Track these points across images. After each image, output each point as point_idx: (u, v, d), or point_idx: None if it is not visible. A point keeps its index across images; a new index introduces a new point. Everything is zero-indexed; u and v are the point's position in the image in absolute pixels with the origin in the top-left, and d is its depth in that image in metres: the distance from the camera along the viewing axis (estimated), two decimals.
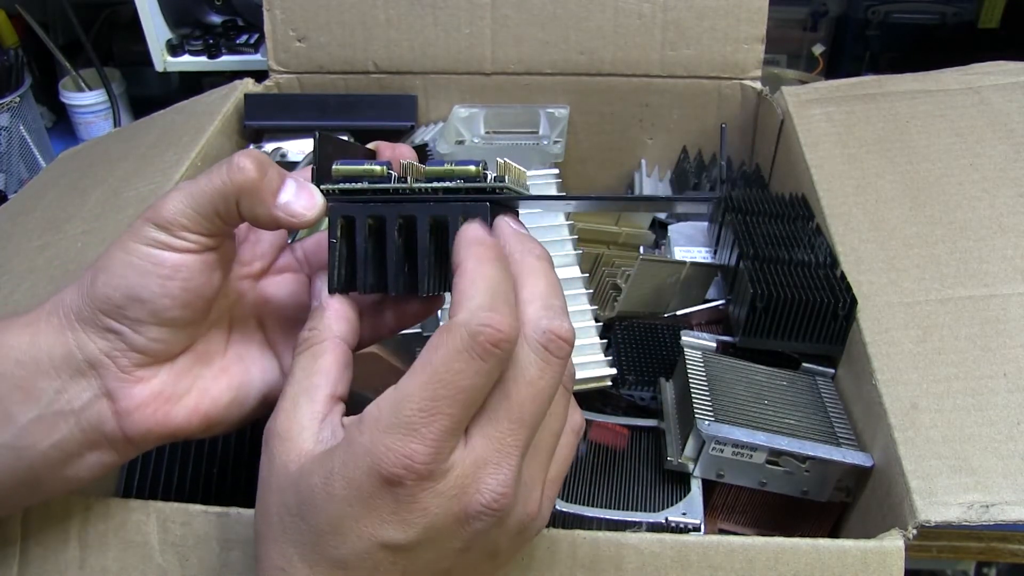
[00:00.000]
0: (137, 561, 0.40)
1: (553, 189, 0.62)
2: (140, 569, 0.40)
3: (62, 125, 1.14)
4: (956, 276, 0.51)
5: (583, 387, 0.51)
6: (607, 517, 0.46)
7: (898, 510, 0.40)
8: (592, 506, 0.47)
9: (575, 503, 0.47)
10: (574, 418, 0.35)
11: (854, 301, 0.50)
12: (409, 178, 0.34)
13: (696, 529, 0.46)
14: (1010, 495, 0.39)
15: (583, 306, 0.54)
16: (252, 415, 0.38)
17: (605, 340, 0.54)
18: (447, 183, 0.34)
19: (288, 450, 0.31)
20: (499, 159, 0.34)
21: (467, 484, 0.29)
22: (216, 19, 1.01)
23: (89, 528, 0.40)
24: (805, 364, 0.54)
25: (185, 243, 0.34)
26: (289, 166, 0.72)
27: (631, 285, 0.61)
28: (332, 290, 0.35)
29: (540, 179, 0.63)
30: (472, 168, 0.34)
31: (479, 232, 0.32)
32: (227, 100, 0.75)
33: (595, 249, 0.68)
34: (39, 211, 0.66)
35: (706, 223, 0.71)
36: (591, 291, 0.56)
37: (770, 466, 0.47)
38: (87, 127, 1.07)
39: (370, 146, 0.39)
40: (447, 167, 0.34)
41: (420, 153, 0.74)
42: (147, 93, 1.11)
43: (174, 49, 0.97)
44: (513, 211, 0.36)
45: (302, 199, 0.34)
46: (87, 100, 1.05)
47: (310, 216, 0.34)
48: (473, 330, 0.28)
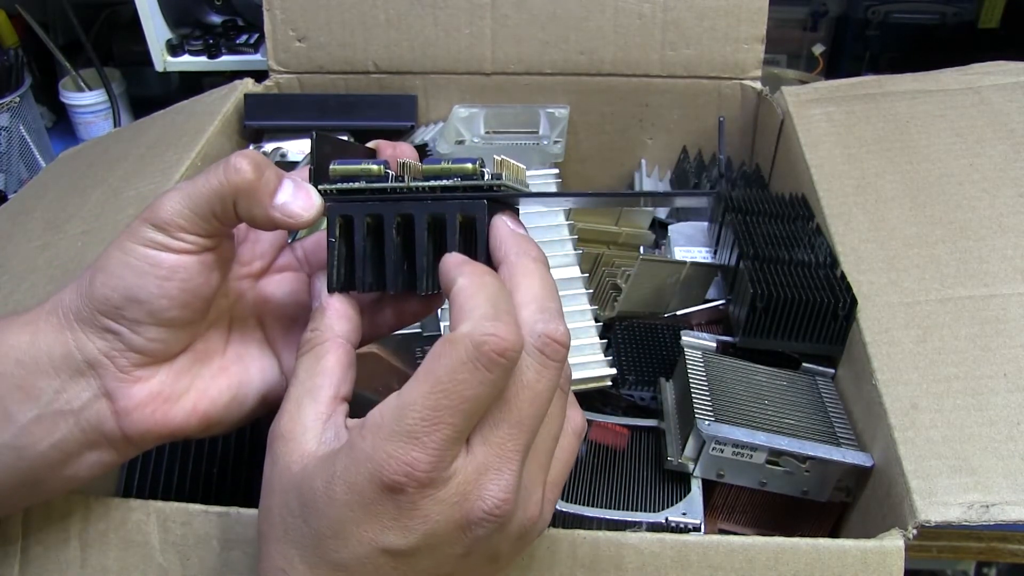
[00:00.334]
0: (138, 560, 0.40)
1: (553, 189, 0.62)
2: (141, 568, 0.40)
3: (62, 125, 1.14)
4: (956, 276, 0.51)
5: (583, 387, 0.51)
6: (607, 517, 0.46)
7: (898, 510, 0.40)
8: (592, 506, 0.47)
9: (575, 503, 0.47)
10: (575, 420, 0.35)
11: (854, 301, 0.50)
12: (406, 177, 0.34)
13: (696, 529, 0.46)
14: (1010, 495, 0.39)
15: (583, 306, 0.54)
16: (251, 415, 0.38)
17: (605, 340, 0.54)
18: (444, 181, 0.34)
19: (291, 451, 0.31)
20: (496, 156, 0.34)
21: (468, 491, 0.29)
22: (216, 19, 1.01)
23: (90, 527, 0.40)
24: (805, 364, 0.54)
25: (183, 244, 0.33)
26: (289, 166, 0.72)
27: (631, 285, 0.61)
28: (331, 289, 0.35)
29: (540, 179, 0.63)
30: (469, 166, 0.34)
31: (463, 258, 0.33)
32: (227, 100, 0.75)
33: (595, 249, 0.68)
34: (39, 211, 0.66)
35: (706, 223, 0.71)
36: (591, 291, 0.56)
37: (770, 466, 0.47)
38: (87, 127, 1.07)
39: (370, 144, 0.39)
40: (443, 165, 0.34)
41: (420, 153, 0.74)
42: (147, 93, 1.11)
43: (174, 49, 0.97)
44: (512, 209, 0.36)
45: (299, 199, 0.34)
46: (87, 100, 1.05)
47: (307, 216, 0.34)
48: (477, 340, 0.28)
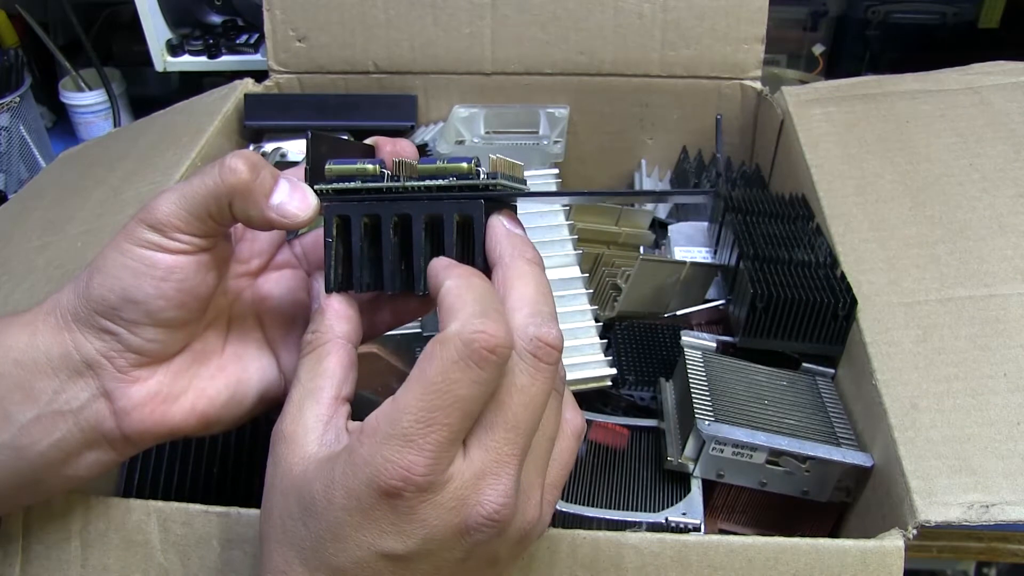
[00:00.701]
0: (139, 560, 0.40)
1: (553, 189, 0.62)
2: (142, 568, 0.40)
3: (62, 125, 1.14)
4: (956, 276, 0.51)
5: (583, 387, 0.51)
6: (607, 517, 0.46)
7: (898, 510, 0.40)
8: (592, 506, 0.47)
9: (575, 503, 0.47)
10: (574, 421, 0.34)
11: (854, 301, 0.50)
12: (402, 176, 0.34)
13: (696, 529, 0.46)
14: (1010, 495, 0.39)
15: (583, 306, 0.54)
16: (250, 413, 0.38)
17: (605, 340, 0.54)
18: (440, 181, 0.34)
19: (292, 453, 0.31)
20: (491, 155, 0.34)
21: (466, 496, 0.29)
22: (216, 19, 1.01)
23: (90, 527, 0.40)
24: (805, 364, 0.54)
25: (179, 244, 0.33)
26: (289, 166, 0.72)
27: (631, 285, 0.61)
28: (329, 289, 0.35)
29: (540, 179, 0.63)
30: (464, 165, 0.34)
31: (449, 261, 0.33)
32: (227, 100, 0.75)
33: (595, 249, 0.68)
34: (39, 211, 0.66)
35: (706, 223, 0.71)
36: (591, 291, 0.56)
37: (770, 466, 0.47)
38: (87, 127, 1.07)
39: (368, 141, 0.39)
40: (439, 164, 0.34)
41: (421, 153, 0.74)
42: (147, 93, 1.11)
43: (174, 49, 0.97)
44: (510, 207, 0.36)
45: (295, 200, 0.34)
46: (87, 100, 1.05)
47: (304, 217, 0.34)
48: (467, 338, 0.28)
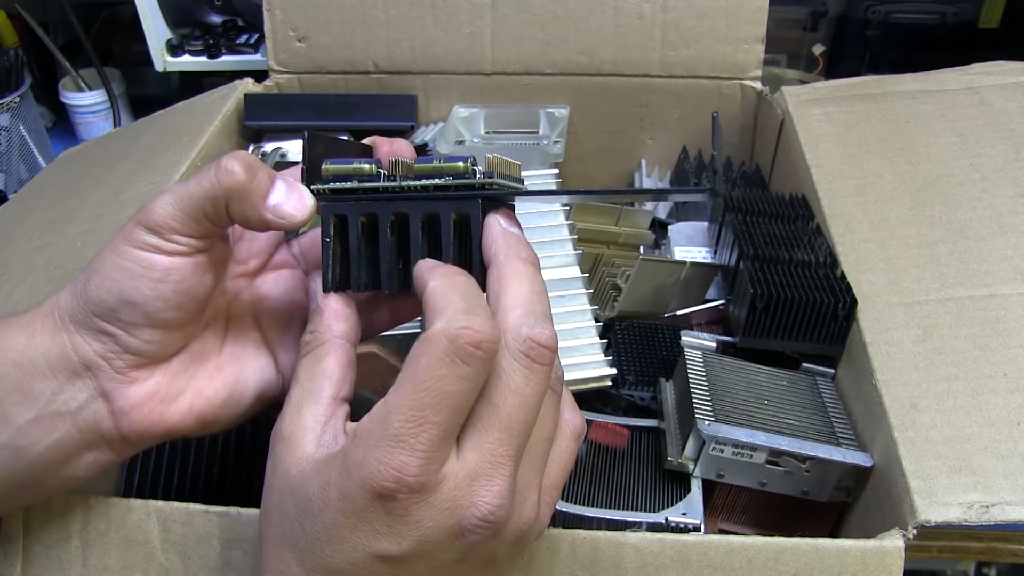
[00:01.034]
0: (139, 560, 0.40)
1: (552, 188, 0.62)
2: (143, 568, 0.40)
3: (62, 125, 1.14)
4: (956, 276, 0.51)
5: (583, 387, 0.51)
6: (607, 517, 0.46)
7: (898, 510, 0.40)
8: (592, 506, 0.47)
9: (575, 503, 0.47)
10: (573, 422, 0.34)
11: (854, 301, 0.50)
12: (398, 176, 0.34)
13: (696, 529, 0.46)
14: (1010, 495, 0.39)
15: (583, 306, 0.54)
16: (248, 413, 0.38)
17: (605, 340, 0.54)
18: (436, 180, 0.34)
19: (291, 453, 0.31)
20: (488, 155, 0.34)
21: (460, 497, 0.29)
22: (216, 19, 1.01)
23: (91, 527, 0.40)
24: (805, 364, 0.54)
25: (176, 246, 0.33)
26: (289, 166, 0.72)
27: (631, 285, 0.61)
28: (326, 289, 0.35)
29: (540, 179, 0.63)
30: (460, 164, 0.34)
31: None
32: (227, 100, 0.75)
33: (595, 249, 0.67)
34: (39, 211, 0.66)
35: (706, 223, 0.71)
36: (591, 291, 0.56)
37: (770, 466, 0.47)
38: (87, 127, 1.07)
39: (366, 141, 0.39)
40: (435, 164, 0.34)
41: (420, 153, 0.74)
42: (147, 93, 1.11)
43: (174, 49, 0.97)
44: (508, 207, 0.36)
45: (292, 200, 0.34)
46: (87, 100, 1.05)
47: (300, 217, 0.34)
48: (452, 335, 0.28)
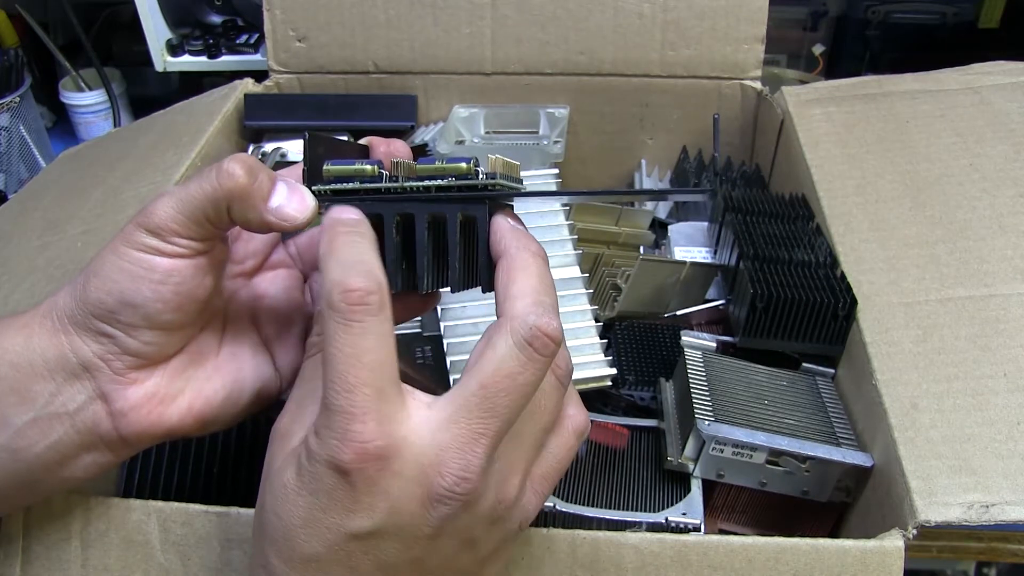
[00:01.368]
0: (139, 560, 0.40)
1: (553, 188, 0.62)
2: (143, 568, 0.40)
3: (62, 125, 1.14)
4: (956, 276, 0.51)
5: (583, 387, 0.51)
6: (607, 517, 0.46)
7: (898, 510, 0.40)
8: (592, 506, 0.47)
9: (575, 503, 0.47)
10: (576, 419, 0.34)
11: (854, 301, 0.50)
12: (400, 177, 0.34)
13: (696, 529, 0.46)
14: (1010, 495, 0.39)
15: (583, 306, 0.54)
16: (246, 412, 0.38)
17: (605, 340, 0.54)
18: (439, 181, 0.34)
19: (282, 449, 0.32)
20: (490, 155, 0.34)
21: (428, 465, 0.29)
22: (216, 19, 1.01)
23: (90, 527, 0.40)
24: (805, 364, 0.54)
25: (176, 248, 0.33)
26: (289, 166, 0.72)
27: (631, 285, 0.61)
28: None
29: (540, 179, 0.63)
30: (463, 165, 0.33)
31: None
32: (227, 100, 0.75)
33: (595, 249, 0.68)
34: (39, 211, 0.66)
35: (706, 223, 0.71)
36: (591, 291, 0.56)
37: (770, 466, 0.47)
38: (87, 127, 1.07)
39: (363, 141, 0.39)
40: (438, 165, 0.34)
41: (420, 153, 0.74)
42: (147, 93, 1.11)
43: (174, 49, 0.97)
44: (508, 206, 0.36)
45: (294, 202, 0.34)
46: (87, 100, 1.05)
47: (302, 219, 0.34)
48: (334, 300, 0.29)
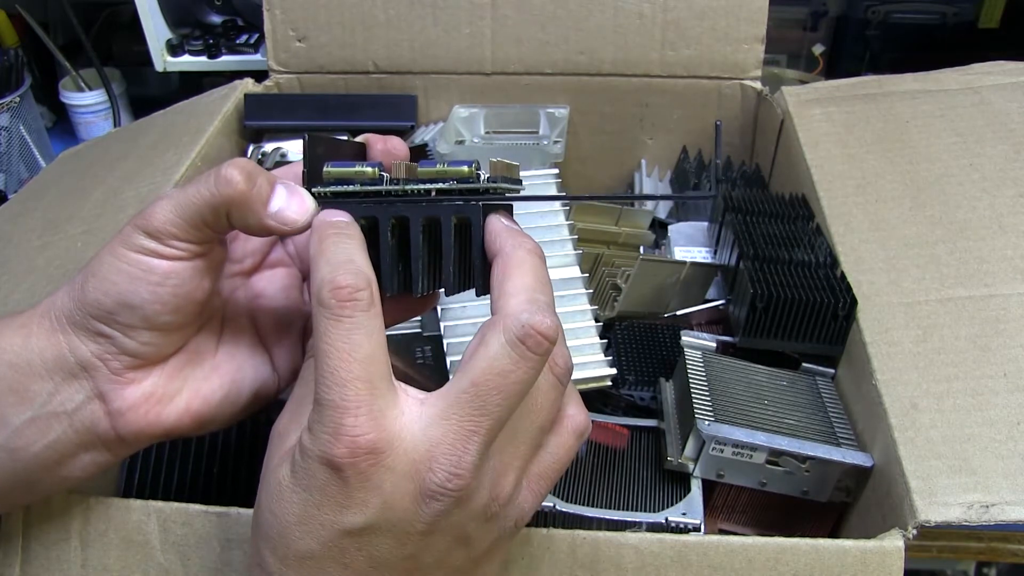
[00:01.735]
0: (139, 560, 0.40)
1: (553, 189, 0.62)
2: (143, 568, 0.40)
3: (62, 125, 1.14)
4: (956, 276, 0.51)
5: (583, 387, 0.51)
6: (607, 517, 0.46)
7: (898, 510, 0.40)
8: (592, 506, 0.47)
9: (575, 503, 0.47)
10: (576, 419, 0.34)
11: (854, 301, 0.50)
12: (401, 180, 0.34)
13: (696, 529, 0.46)
14: (1010, 495, 0.39)
15: (583, 306, 0.54)
16: (244, 411, 0.38)
17: (605, 340, 0.54)
18: (440, 184, 0.34)
19: (280, 448, 0.32)
20: (492, 159, 0.34)
21: (419, 461, 0.29)
22: (216, 19, 1.01)
23: (90, 527, 0.40)
24: (805, 364, 0.54)
25: (175, 251, 0.33)
26: (288, 165, 0.72)
27: (631, 285, 0.61)
28: None
29: (540, 179, 0.63)
30: (465, 169, 0.33)
31: None
32: (227, 100, 0.75)
33: (595, 249, 0.67)
34: (39, 211, 0.66)
35: (706, 223, 0.71)
36: (591, 291, 0.56)
37: (770, 466, 0.47)
38: (87, 127, 1.07)
39: (360, 138, 0.39)
40: (439, 168, 0.34)
41: (420, 153, 0.74)
42: (147, 93, 1.11)
43: (174, 49, 0.97)
44: (506, 208, 0.36)
45: (293, 205, 0.34)
46: (87, 100, 1.05)
47: (303, 222, 0.34)
48: (324, 297, 0.30)
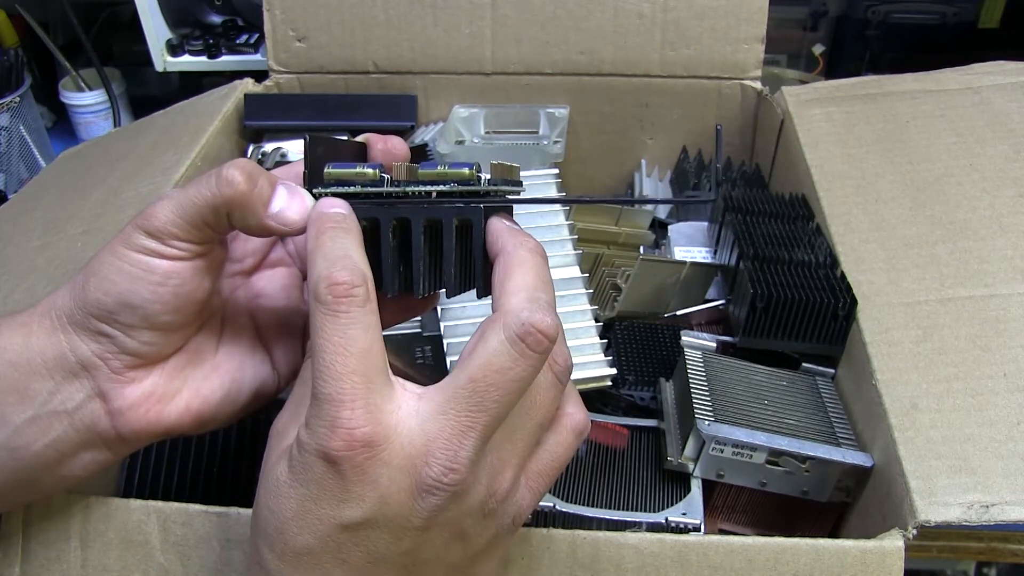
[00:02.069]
0: (139, 560, 0.40)
1: (553, 189, 0.62)
2: (142, 568, 0.40)
3: (62, 125, 1.14)
4: (956, 276, 0.51)
5: (583, 387, 0.51)
6: (607, 517, 0.46)
7: (898, 510, 0.40)
8: (592, 506, 0.47)
9: (575, 503, 0.47)
10: (575, 417, 0.34)
11: (854, 301, 0.50)
12: (402, 181, 0.34)
13: (696, 529, 0.46)
14: (1010, 495, 0.39)
15: (583, 306, 0.54)
16: (244, 410, 0.38)
17: (605, 340, 0.54)
18: (441, 186, 0.34)
19: (279, 447, 0.32)
20: (492, 162, 0.34)
21: (416, 455, 0.29)
22: (216, 19, 1.01)
23: (90, 527, 0.40)
24: (805, 364, 0.54)
25: (176, 251, 0.34)
26: (288, 164, 0.72)
27: (631, 285, 0.61)
28: None
29: (540, 179, 0.63)
30: (466, 171, 0.34)
31: None
32: (227, 100, 0.75)
33: (595, 249, 0.68)
34: (39, 211, 0.66)
35: (706, 223, 0.71)
36: (591, 291, 0.56)
37: (770, 466, 0.47)
38: (87, 127, 1.07)
39: (360, 138, 0.39)
40: (440, 170, 0.34)
41: (420, 153, 0.74)
42: (147, 93, 1.11)
43: (174, 49, 0.97)
44: (507, 210, 0.36)
45: (294, 206, 0.34)
46: (87, 100, 1.05)
47: (303, 223, 0.34)
48: (321, 293, 0.30)
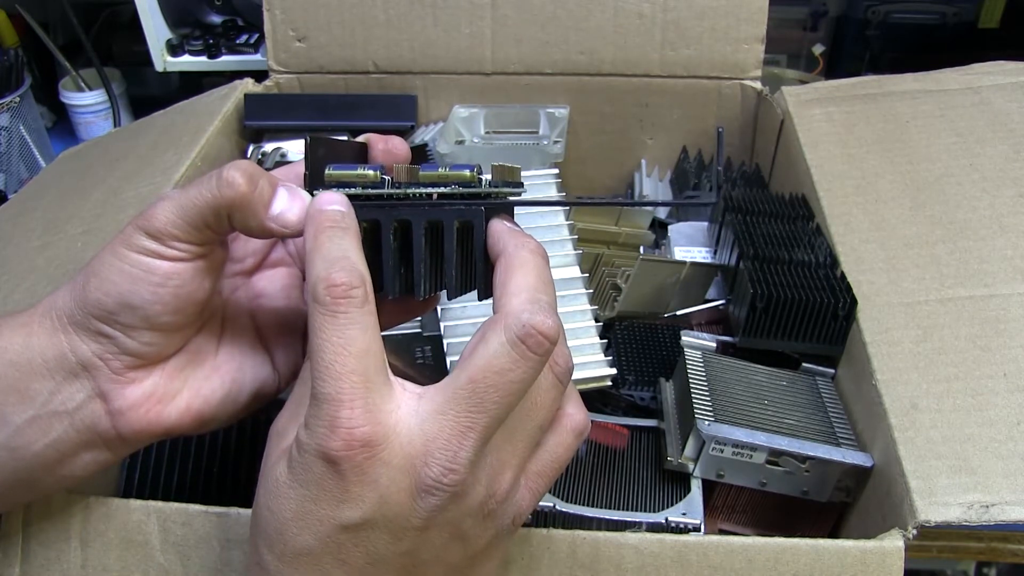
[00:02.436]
0: (139, 560, 0.40)
1: (553, 189, 0.62)
2: (142, 568, 0.40)
3: (62, 125, 1.14)
4: (956, 276, 0.51)
5: (583, 387, 0.51)
6: (607, 517, 0.46)
7: (898, 510, 0.40)
8: (592, 506, 0.47)
9: (575, 503, 0.47)
10: (575, 418, 0.34)
11: (854, 301, 0.50)
12: (403, 183, 0.34)
13: (696, 529, 0.46)
14: (1010, 495, 0.39)
15: (583, 306, 0.54)
16: (245, 410, 0.38)
17: (605, 340, 0.54)
18: (442, 188, 0.34)
19: (278, 447, 0.32)
20: (493, 163, 0.34)
21: (415, 456, 0.29)
22: (216, 19, 1.01)
23: (90, 527, 0.40)
24: (805, 364, 0.54)
25: (176, 252, 0.34)
26: (288, 165, 0.72)
27: (631, 285, 0.61)
28: None
29: (540, 179, 0.63)
30: (467, 173, 0.34)
31: None
32: (227, 100, 0.75)
33: (595, 249, 0.68)
34: (39, 211, 0.66)
35: (706, 223, 0.71)
36: (591, 291, 0.56)
37: (770, 466, 0.47)
38: (87, 127, 1.07)
39: (361, 138, 0.39)
40: (441, 172, 0.34)
41: (420, 153, 0.74)
42: (147, 93, 1.11)
43: (174, 49, 0.97)
44: (508, 211, 0.36)
45: (295, 208, 0.34)
46: (87, 100, 1.05)
47: (303, 225, 0.34)
48: (319, 293, 0.30)
